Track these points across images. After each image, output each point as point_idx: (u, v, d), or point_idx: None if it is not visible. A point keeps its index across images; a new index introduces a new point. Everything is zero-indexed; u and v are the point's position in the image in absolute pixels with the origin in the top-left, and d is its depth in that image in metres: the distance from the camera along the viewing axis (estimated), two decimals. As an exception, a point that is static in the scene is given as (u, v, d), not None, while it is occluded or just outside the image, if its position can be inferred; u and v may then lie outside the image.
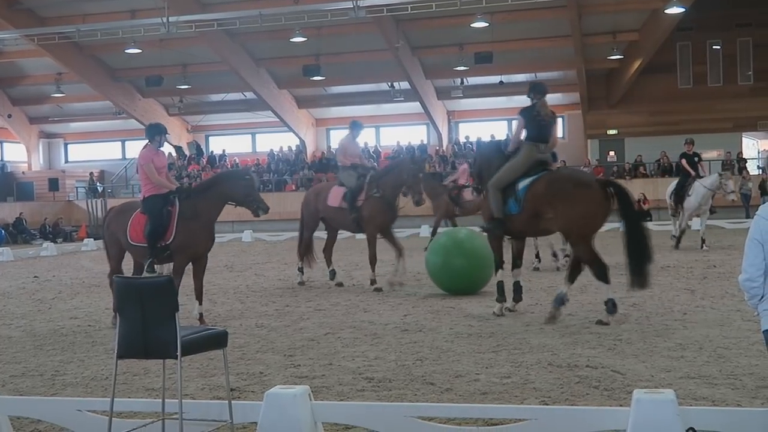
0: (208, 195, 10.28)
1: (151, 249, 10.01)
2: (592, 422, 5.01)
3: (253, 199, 10.40)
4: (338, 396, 6.53)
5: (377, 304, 11.62)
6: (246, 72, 36.35)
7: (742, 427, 4.81)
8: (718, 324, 8.98)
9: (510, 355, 7.78)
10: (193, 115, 42.16)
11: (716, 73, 37.27)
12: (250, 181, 10.50)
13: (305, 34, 31.66)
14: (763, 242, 4.42)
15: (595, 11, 31.81)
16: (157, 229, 10.00)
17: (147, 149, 10.37)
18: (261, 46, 35.76)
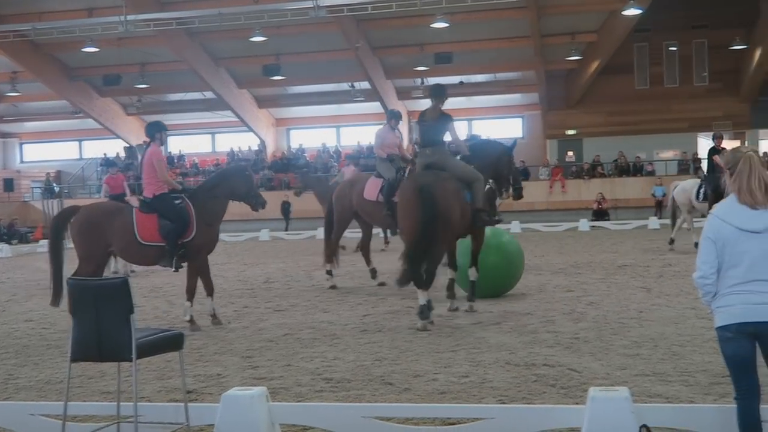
0: (215, 193, 10.25)
1: (173, 247, 9.85)
2: (548, 420, 5.06)
3: (253, 194, 10.48)
4: (296, 397, 6.51)
5: (336, 304, 11.60)
6: (205, 71, 36.11)
7: (694, 423, 4.88)
8: (673, 322, 9.10)
9: (468, 355, 7.81)
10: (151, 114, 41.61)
11: (673, 74, 37.81)
12: (250, 176, 10.60)
13: (265, 34, 31.54)
14: (716, 240, 4.49)
15: (554, 12, 32.08)
16: (179, 226, 9.86)
17: (154, 147, 10.27)
18: (220, 46, 35.55)
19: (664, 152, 37.50)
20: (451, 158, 10.44)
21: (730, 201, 4.51)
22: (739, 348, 4.41)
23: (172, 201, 10.01)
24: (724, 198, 15.03)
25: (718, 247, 4.47)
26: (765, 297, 4.36)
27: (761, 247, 4.38)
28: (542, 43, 34.03)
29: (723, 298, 4.48)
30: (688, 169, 35.39)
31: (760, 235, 4.38)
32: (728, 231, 4.43)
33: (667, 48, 37.55)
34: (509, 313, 10.12)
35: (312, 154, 39.98)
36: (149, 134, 10.39)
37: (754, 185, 4.39)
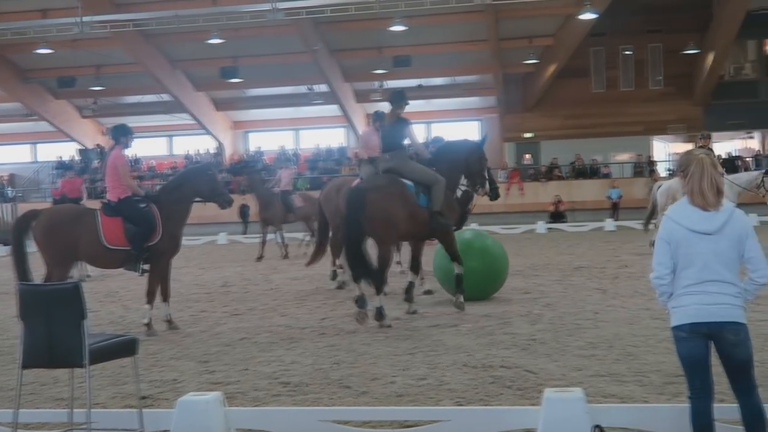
0: (179, 195, 10.15)
1: (138, 251, 9.76)
2: (504, 421, 5.10)
3: (218, 193, 10.42)
4: (253, 401, 6.47)
5: (295, 307, 11.57)
6: (162, 74, 35.78)
7: (648, 422, 4.95)
8: (628, 323, 9.21)
9: (426, 357, 7.83)
10: (107, 117, 41.26)
11: (628, 77, 38.28)
12: (213, 175, 10.53)
13: (223, 36, 31.34)
14: (669, 242, 4.54)
15: (511, 16, 32.29)
16: (145, 230, 9.77)
17: (119, 150, 10.14)
18: (177, 48, 35.24)
19: (620, 155, 37.98)
20: (410, 162, 10.55)
21: (683, 203, 4.57)
22: (693, 348, 4.46)
23: (137, 204, 9.92)
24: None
25: (672, 248, 4.53)
26: (718, 297, 4.42)
27: (713, 248, 4.44)
28: (500, 47, 34.27)
29: (678, 299, 4.53)
30: (642, 172, 35.89)
31: (712, 237, 4.44)
32: (681, 232, 4.49)
33: (623, 52, 38.03)
34: (467, 315, 10.16)
35: (270, 157, 39.80)
36: (114, 137, 10.29)
37: (706, 187, 4.45)
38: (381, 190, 10.08)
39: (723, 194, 4.49)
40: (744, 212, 4.62)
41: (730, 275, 4.46)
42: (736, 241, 4.46)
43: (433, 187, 10.32)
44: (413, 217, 10.13)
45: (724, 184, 4.53)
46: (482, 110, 39.96)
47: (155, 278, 10.05)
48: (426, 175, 10.39)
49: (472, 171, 11.11)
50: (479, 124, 40.62)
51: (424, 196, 10.28)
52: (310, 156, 39.81)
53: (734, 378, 4.50)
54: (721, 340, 4.44)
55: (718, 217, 4.44)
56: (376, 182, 10.37)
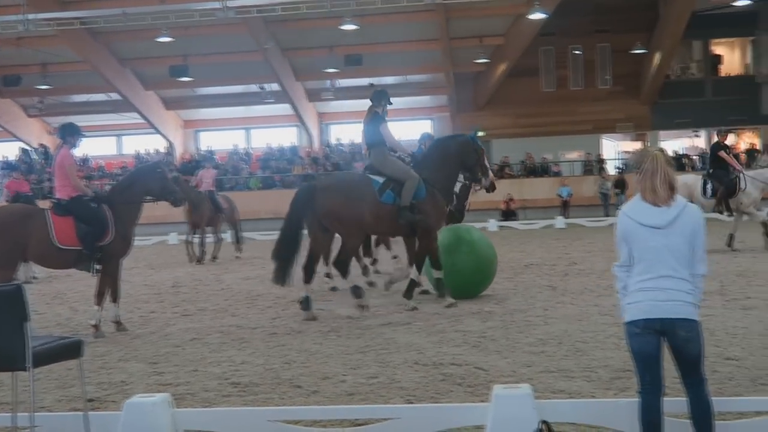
0: (129, 195, 10.01)
1: (91, 251, 9.60)
2: (454, 419, 5.11)
3: (169, 191, 10.32)
4: (203, 402, 6.40)
5: (246, 308, 11.49)
6: (110, 72, 35.33)
7: (595, 417, 5.00)
8: (577, 319, 9.30)
9: (377, 356, 7.83)
10: (54, 116, 40.60)
11: (577, 77, 38.76)
12: (162, 173, 10.36)
13: (172, 34, 31.01)
14: (625, 237, 4.60)
15: (462, 16, 32.48)
16: (97, 230, 9.61)
17: (66, 149, 9.95)
18: (126, 46, 34.82)
19: (570, 153, 38.43)
20: (388, 159, 10.77)
21: (637, 199, 4.63)
22: (646, 343, 4.51)
23: (89, 204, 9.77)
24: (737, 193, 14.66)
25: (628, 243, 4.59)
26: (671, 294, 4.48)
27: (665, 242, 4.49)
28: (451, 46, 34.45)
29: (632, 295, 4.58)
30: (592, 170, 36.34)
31: (663, 231, 4.49)
32: (634, 227, 4.55)
33: (572, 51, 38.49)
34: (419, 314, 10.18)
35: (222, 156, 39.51)
36: (61, 136, 10.13)
37: (658, 184, 4.51)
38: (329, 189, 10.37)
39: (676, 190, 4.55)
40: (697, 207, 4.69)
41: (683, 270, 4.52)
42: (689, 235, 4.52)
43: (405, 182, 10.49)
44: (378, 215, 10.37)
45: (676, 181, 4.59)
46: (434, 109, 40.14)
47: (106, 279, 9.89)
48: (399, 171, 10.60)
49: (469, 164, 11.24)
50: (431, 123, 40.75)
51: (391, 192, 10.45)
52: (261, 155, 39.62)
53: (685, 372, 4.57)
54: (674, 336, 4.50)
55: (669, 212, 4.50)
56: (327, 181, 10.69)
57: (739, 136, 39.36)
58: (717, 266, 13.49)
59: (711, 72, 39.10)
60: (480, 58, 35.49)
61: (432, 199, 10.67)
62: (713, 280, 11.78)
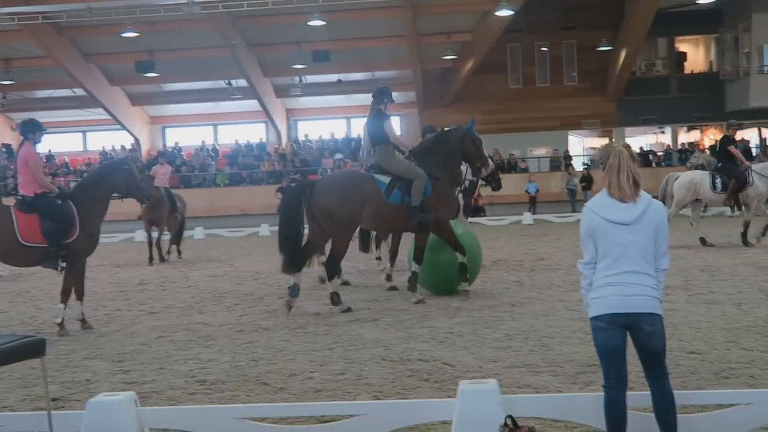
0: (96, 192, 9.90)
1: (57, 247, 9.49)
2: (420, 414, 5.12)
3: (136, 188, 10.23)
4: (169, 401, 6.36)
5: (212, 305, 11.42)
6: (74, 68, 34.95)
7: (560, 412, 5.03)
8: (543, 314, 9.36)
9: (345, 352, 7.82)
10: (17, 112, 40.08)
11: (544, 73, 38.99)
12: (129, 169, 10.25)
13: (137, 30, 30.76)
14: (590, 233, 4.63)
15: (429, 12, 32.54)
16: (63, 227, 9.48)
17: (28, 146, 9.78)
18: (90, 41, 34.48)
19: (537, 150, 38.65)
20: (393, 157, 10.79)
21: (602, 194, 4.65)
22: (611, 338, 4.54)
23: (55, 200, 9.64)
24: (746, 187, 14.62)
25: (593, 239, 4.61)
26: (636, 289, 4.51)
27: (630, 238, 4.52)
28: (418, 43, 34.49)
29: (597, 290, 4.61)
30: (559, 166, 36.58)
31: (629, 227, 4.53)
32: (600, 223, 4.57)
33: (539, 48, 38.70)
34: (386, 310, 10.20)
35: (189, 152, 39.26)
36: (23, 133, 9.97)
37: (623, 180, 4.54)
38: (327, 186, 10.41)
39: (640, 186, 4.58)
40: (661, 203, 4.74)
41: (648, 266, 4.56)
42: (654, 231, 4.56)
43: (414, 182, 10.52)
44: (375, 213, 10.44)
45: (640, 177, 4.63)
46: (402, 105, 40.04)
47: (71, 277, 9.78)
48: (406, 170, 10.61)
49: (470, 155, 11.35)
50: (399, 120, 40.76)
51: (399, 192, 10.47)
52: (229, 152, 39.41)
53: (648, 366, 4.61)
54: (638, 331, 4.53)
55: (635, 208, 4.53)
56: (327, 178, 10.66)
57: (704, 132, 39.83)
58: (681, 261, 13.64)
59: (676, 69, 39.51)
60: (447, 54, 35.58)
61: (438, 192, 10.72)
62: (677, 275, 11.91)
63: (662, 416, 4.58)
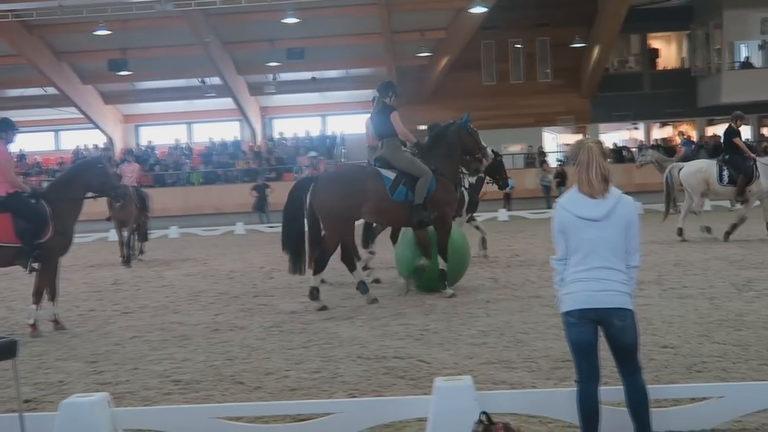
0: (69, 191, 9.82)
1: (30, 247, 9.42)
2: (396, 411, 5.13)
3: (110, 186, 10.19)
4: (143, 401, 6.32)
5: (187, 304, 11.36)
6: (46, 66, 34.62)
7: (535, 407, 5.06)
8: (519, 310, 9.40)
9: (320, 350, 7.82)
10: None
11: (518, 70, 39.12)
12: (103, 168, 10.15)
13: (110, 27, 30.52)
14: (562, 229, 4.65)
15: (403, 9, 32.56)
16: (36, 226, 9.41)
17: (1, 144, 9.68)
18: (62, 39, 34.17)
19: (512, 146, 38.76)
20: (399, 152, 10.81)
21: (573, 191, 4.67)
22: (582, 333, 4.57)
23: (27, 200, 9.56)
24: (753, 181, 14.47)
25: (565, 235, 4.64)
26: (606, 284, 4.54)
27: (600, 234, 4.56)
28: (393, 40, 34.49)
29: (568, 285, 4.64)
30: (534, 163, 36.72)
31: (599, 223, 4.56)
32: (570, 219, 4.60)
33: (513, 45, 38.82)
34: (361, 308, 10.19)
35: (163, 151, 39.03)
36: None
37: (593, 176, 4.56)
38: (328, 181, 10.44)
39: (610, 182, 4.61)
40: (632, 199, 4.77)
41: (618, 262, 4.59)
42: (624, 227, 4.59)
43: (420, 179, 10.55)
44: (378, 209, 10.54)
45: (610, 173, 4.65)
46: (377, 103, 40.09)
47: (44, 277, 9.70)
48: (412, 167, 10.63)
49: (469, 147, 11.45)
50: (374, 117, 40.74)
51: (404, 188, 10.50)
52: (203, 150, 39.22)
53: (620, 361, 4.65)
54: (609, 326, 4.56)
55: (605, 204, 4.56)
56: (329, 173, 10.88)
57: (676, 128, 40.14)
58: (654, 256, 13.74)
59: (649, 65, 39.79)
60: (422, 52, 35.62)
61: (443, 189, 10.80)
62: (651, 270, 12.00)
63: (635, 411, 4.62)
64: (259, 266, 15.97)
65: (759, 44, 37.79)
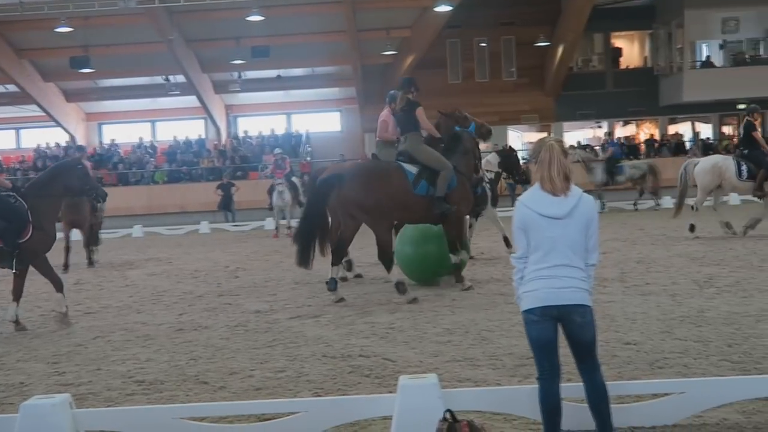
0: (48, 191, 9.79)
1: (12, 247, 9.44)
2: (361, 410, 5.13)
3: (90, 187, 10.19)
4: (106, 402, 6.26)
5: (151, 304, 11.27)
6: (6, 63, 34.09)
7: (498, 404, 5.08)
8: (483, 308, 9.43)
9: (285, 349, 7.79)
10: (-53, 109, 39.10)
11: (483, 69, 39.23)
12: (83, 169, 10.15)
13: (72, 24, 30.15)
14: (523, 227, 4.68)
15: (368, 8, 32.50)
16: (15, 226, 9.39)
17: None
18: (23, 36, 33.66)
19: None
20: (422, 146, 11.02)
21: (535, 188, 4.70)
22: (543, 330, 4.61)
23: (7, 199, 9.53)
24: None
25: (526, 233, 4.66)
26: (567, 281, 4.58)
27: (562, 232, 4.59)
28: (358, 38, 34.44)
29: (528, 283, 4.67)
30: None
31: (561, 221, 4.59)
32: (532, 217, 4.63)
33: (478, 44, 38.94)
34: (327, 306, 10.18)
35: (126, 149, 38.63)
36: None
37: (554, 174, 4.60)
38: (354, 177, 10.44)
39: (570, 180, 4.64)
40: (592, 198, 4.81)
41: (578, 259, 4.63)
42: (584, 225, 4.63)
43: (441, 173, 10.76)
44: (402, 203, 10.57)
45: (571, 171, 4.68)
46: (342, 101, 40.08)
47: (47, 272, 9.81)
48: (434, 161, 10.84)
49: (476, 155, 12.06)
50: (339, 115, 40.74)
51: (425, 182, 10.69)
52: (167, 148, 38.87)
53: (580, 358, 4.69)
54: (569, 323, 4.60)
55: (567, 202, 4.60)
56: (354, 169, 10.85)
57: (639, 127, 40.54)
58: (617, 254, 13.88)
59: (612, 64, 40.10)
60: (387, 50, 35.60)
61: (461, 186, 11.08)
62: (614, 267, 12.12)
63: (595, 407, 4.66)
64: (224, 265, 15.88)
65: (720, 44, 38.27)
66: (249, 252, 18.74)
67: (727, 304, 8.91)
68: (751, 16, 37.09)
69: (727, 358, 6.61)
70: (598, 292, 9.38)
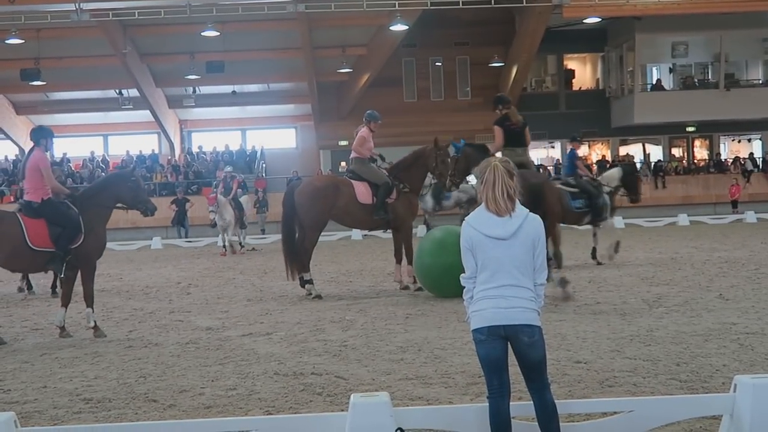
0: (100, 199, 10.04)
1: (65, 252, 9.62)
2: (311, 429, 5.09)
3: (141, 200, 10.33)
4: (51, 420, 6.14)
5: (100, 320, 11.03)
6: (-45, 74, 33.55)
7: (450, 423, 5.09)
8: (436, 326, 9.45)
9: (237, 367, 7.72)
10: None
11: (438, 88, 39.55)
12: (136, 182, 10.36)
13: (23, 36, 29.74)
14: (470, 247, 4.70)
15: (324, 25, 32.58)
16: (69, 232, 9.58)
17: (39, 152, 9.94)
18: (-28, 47, 33.13)
19: (432, 163, 39.12)
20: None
21: (481, 209, 4.73)
22: (492, 349, 4.64)
23: (61, 206, 9.76)
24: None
25: (473, 253, 4.69)
26: (513, 301, 4.62)
27: (507, 253, 4.63)
28: (314, 55, 34.49)
29: (476, 303, 4.70)
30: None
31: (506, 242, 4.63)
32: (478, 238, 4.66)
33: (433, 63, 39.26)
34: (280, 323, 10.12)
35: (77, 163, 38.10)
36: (34, 139, 10.15)
37: (498, 194, 4.63)
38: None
39: (515, 201, 4.68)
40: (538, 217, 4.84)
41: (525, 279, 4.66)
42: (530, 245, 4.67)
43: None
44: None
45: (516, 191, 4.71)
46: (298, 118, 40.07)
47: (87, 281, 10.00)
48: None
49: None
50: (295, 132, 40.71)
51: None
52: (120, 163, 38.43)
53: (529, 377, 4.72)
54: (517, 342, 4.64)
55: (512, 223, 4.63)
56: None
57: (591, 147, 41.10)
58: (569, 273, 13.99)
59: (565, 86, 40.70)
60: (343, 68, 35.71)
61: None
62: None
63: (545, 426, 4.70)
64: (176, 281, 15.71)
65: (669, 67, 39.07)
66: (201, 268, 18.58)
67: (676, 323, 9.04)
68: (699, 41, 37.94)
69: (676, 377, 6.69)
70: (549, 310, 9.46)
